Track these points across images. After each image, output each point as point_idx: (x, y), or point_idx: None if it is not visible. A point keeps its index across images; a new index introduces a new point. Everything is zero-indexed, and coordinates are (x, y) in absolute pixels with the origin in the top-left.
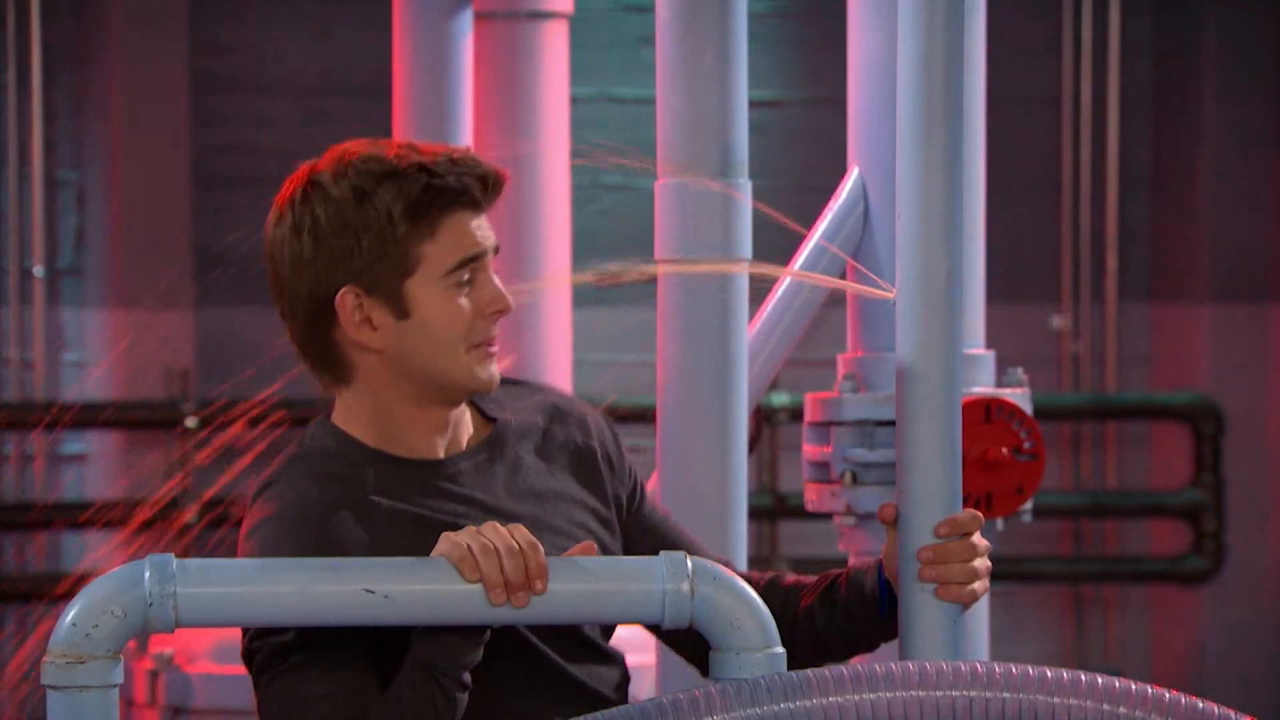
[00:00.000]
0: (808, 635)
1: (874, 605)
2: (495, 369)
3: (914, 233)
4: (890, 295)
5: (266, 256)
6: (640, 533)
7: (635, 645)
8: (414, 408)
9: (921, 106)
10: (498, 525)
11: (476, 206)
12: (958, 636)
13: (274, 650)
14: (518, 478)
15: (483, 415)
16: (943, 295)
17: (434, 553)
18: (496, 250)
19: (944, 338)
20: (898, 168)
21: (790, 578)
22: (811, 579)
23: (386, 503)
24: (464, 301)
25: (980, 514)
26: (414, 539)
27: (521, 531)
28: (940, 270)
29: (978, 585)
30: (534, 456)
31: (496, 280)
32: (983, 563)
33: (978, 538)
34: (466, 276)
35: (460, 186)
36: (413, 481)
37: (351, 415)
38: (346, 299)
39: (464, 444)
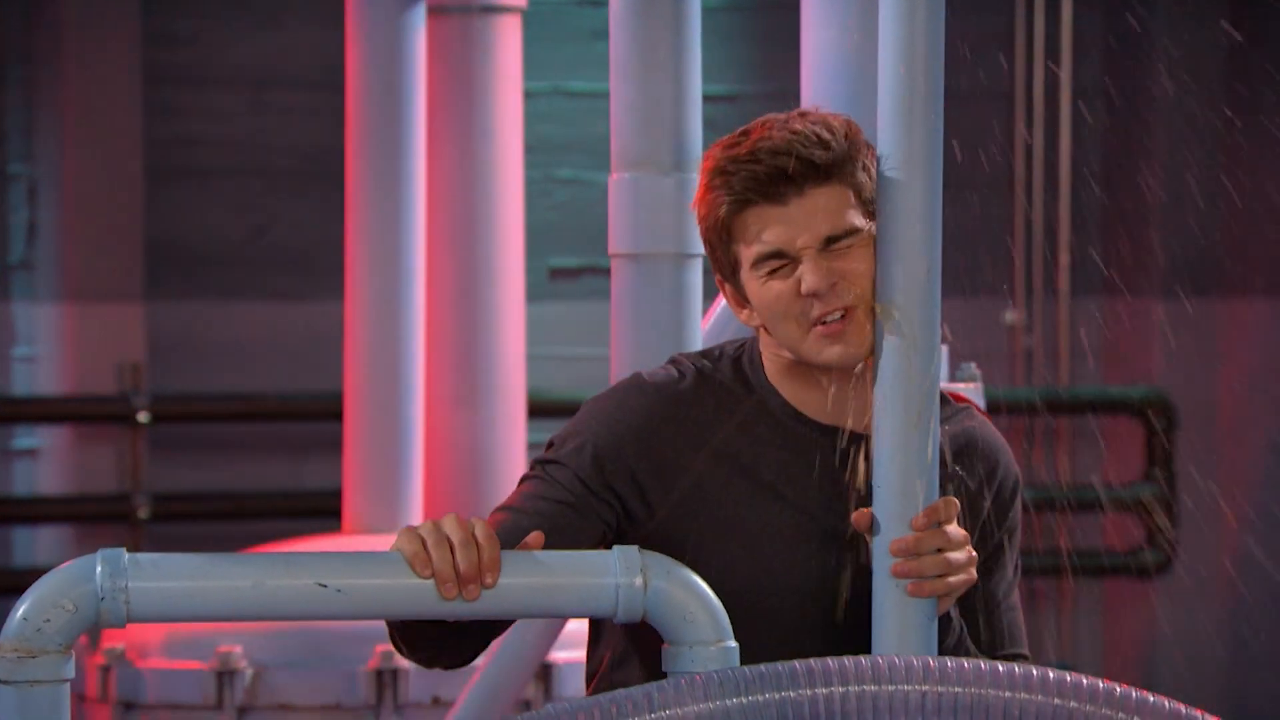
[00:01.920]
0: None
1: None
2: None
3: (894, 228)
4: None
5: None
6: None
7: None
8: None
9: (903, 101)
10: (457, 517)
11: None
12: (932, 633)
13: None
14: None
15: None
16: (923, 289)
17: (391, 546)
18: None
19: (923, 333)
20: (879, 164)
21: None
22: None
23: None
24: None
25: (955, 500)
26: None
27: (480, 525)
28: (921, 265)
29: (954, 578)
30: None
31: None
32: (960, 554)
33: (953, 528)
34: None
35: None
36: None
37: None
38: None
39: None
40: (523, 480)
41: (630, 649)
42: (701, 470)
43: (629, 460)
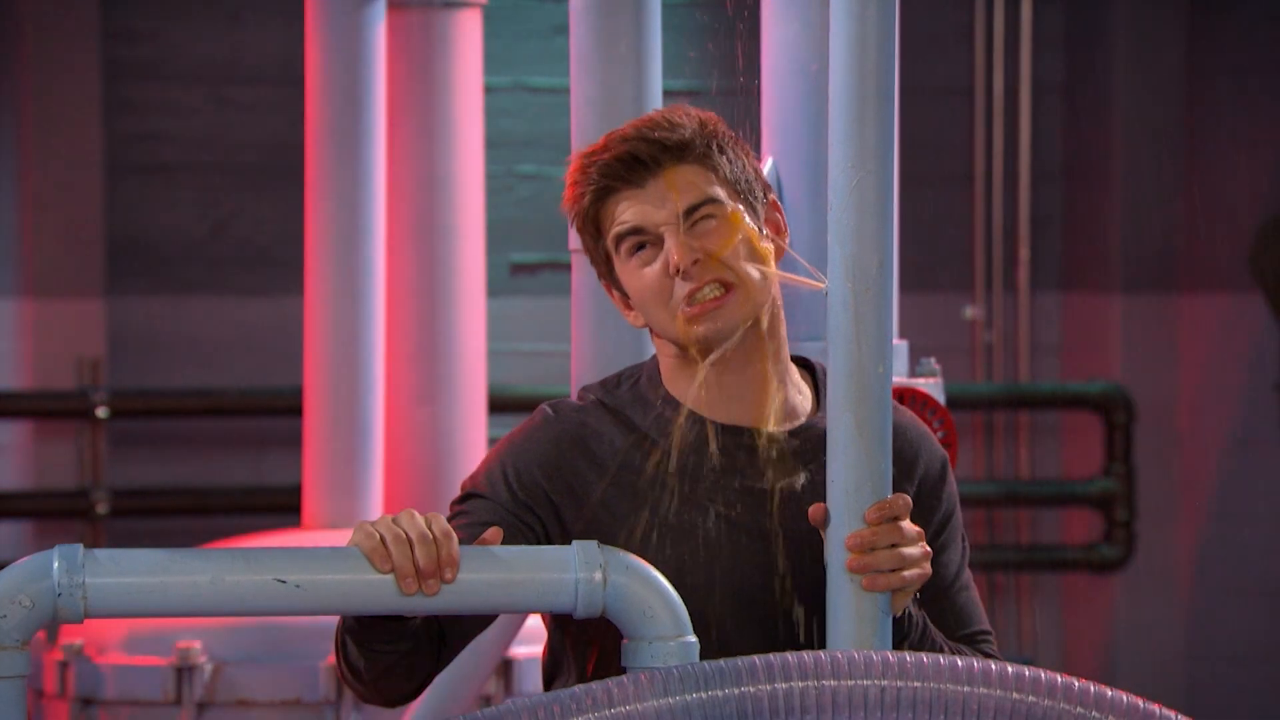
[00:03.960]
0: None
1: None
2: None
3: (846, 222)
4: (822, 286)
5: None
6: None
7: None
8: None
9: (854, 95)
10: (415, 513)
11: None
12: (887, 628)
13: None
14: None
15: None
16: (875, 284)
17: (349, 542)
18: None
19: (875, 327)
20: (830, 157)
21: None
22: None
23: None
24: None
25: (908, 495)
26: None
27: (438, 520)
28: (873, 260)
29: (908, 573)
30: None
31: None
32: (915, 549)
33: (908, 523)
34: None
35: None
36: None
37: None
38: None
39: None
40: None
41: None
42: (609, 491)
43: (540, 482)
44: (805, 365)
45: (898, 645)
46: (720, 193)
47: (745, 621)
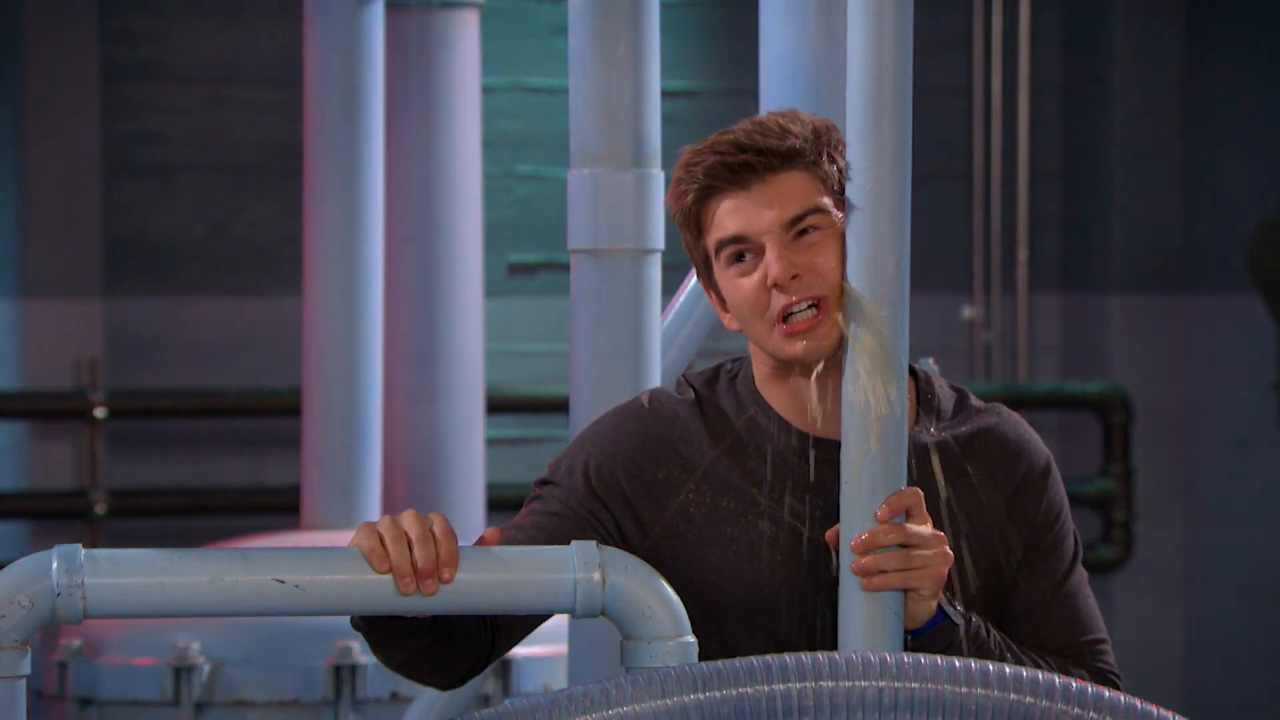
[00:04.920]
0: None
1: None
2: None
3: (863, 223)
4: None
5: None
6: (1021, 592)
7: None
8: None
9: (871, 95)
10: (415, 513)
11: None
12: (897, 630)
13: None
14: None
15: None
16: (892, 284)
17: (349, 542)
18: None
19: (892, 326)
20: (848, 157)
21: None
22: None
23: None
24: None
25: (918, 490)
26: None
27: (439, 521)
28: (889, 260)
29: (915, 574)
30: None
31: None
32: (926, 550)
33: (916, 525)
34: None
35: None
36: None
37: None
38: None
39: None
40: (525, 503)
41: None
42: (691, 491)
43: (620, 481)
44: (912, 374)
45: (944, 651)
46: (827, 202)
47: (813, 636)
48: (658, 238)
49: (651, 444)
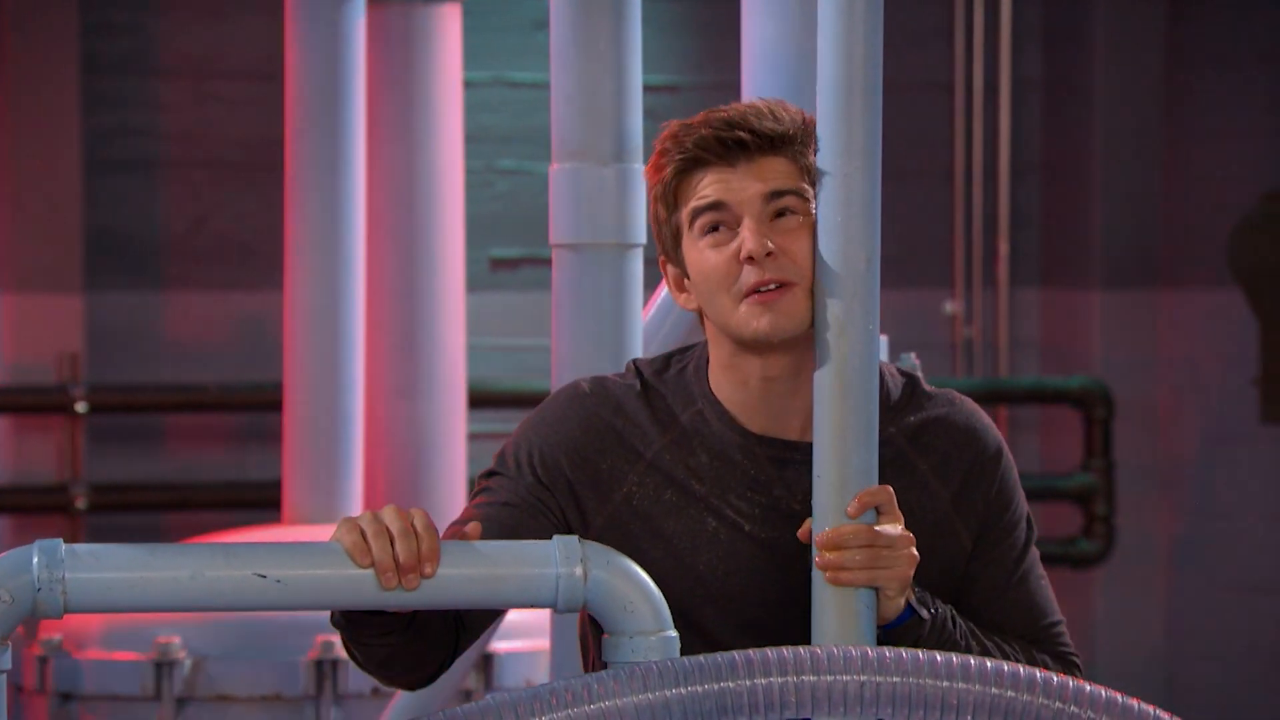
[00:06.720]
0: None
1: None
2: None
3: (833, 217)
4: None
5: None
6: (977, 579)
7: (533, 629)
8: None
9: (841, 89)
10: (396, 508)
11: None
12: (870, 624)
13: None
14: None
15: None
16: (862, 280)
17: (331, 537)
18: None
19: (862, 322)
20: (819, 153)
21: None
22: None
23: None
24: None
25: (889, 488)
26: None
27: (420, 515)
28: (860, 255)
29: (881, 572)
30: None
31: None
32: (894, 549)
33: (885, 524)
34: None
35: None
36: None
37: None
38: None
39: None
40: (470, 497)
41: None
42: (635, 482)
43: (565, 469)
44: None
45: (911, 644)
46: (808, 190)
47: (760, 638)
48: (640, 232)
49: (596, 432)
